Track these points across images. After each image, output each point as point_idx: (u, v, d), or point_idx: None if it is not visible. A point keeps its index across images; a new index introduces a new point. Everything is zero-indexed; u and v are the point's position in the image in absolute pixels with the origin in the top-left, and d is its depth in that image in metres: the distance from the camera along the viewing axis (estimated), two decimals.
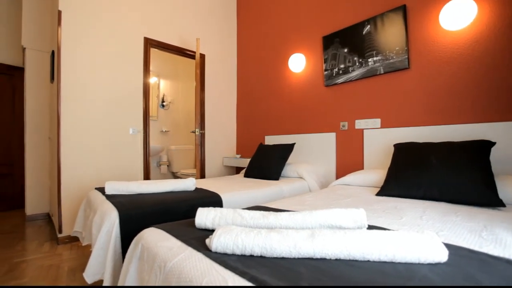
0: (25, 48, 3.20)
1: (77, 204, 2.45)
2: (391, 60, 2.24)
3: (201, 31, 3.49)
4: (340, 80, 2.61)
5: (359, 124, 2.51)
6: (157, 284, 0.80)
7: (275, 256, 0.79)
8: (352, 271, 0.69)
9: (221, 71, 3.74)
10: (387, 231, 0.81)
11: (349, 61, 2.53)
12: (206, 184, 2.28)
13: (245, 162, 3.30)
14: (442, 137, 1.94)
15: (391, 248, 0.73)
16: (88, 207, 1.81)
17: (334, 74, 2.67)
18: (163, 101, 4.61)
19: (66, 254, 2.18)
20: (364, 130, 2.46)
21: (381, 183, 1.94)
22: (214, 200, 1.77)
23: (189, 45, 3.35)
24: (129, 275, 0.99)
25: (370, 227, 1.02)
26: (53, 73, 2.79)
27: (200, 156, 3.32)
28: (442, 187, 1.50)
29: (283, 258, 0.78)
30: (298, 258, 0.78)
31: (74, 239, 2.41)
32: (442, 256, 0.72)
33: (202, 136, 3.43)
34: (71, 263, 2.02)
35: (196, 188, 2.03)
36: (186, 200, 1.69)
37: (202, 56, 3.49)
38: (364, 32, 2.41)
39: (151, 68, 3.07)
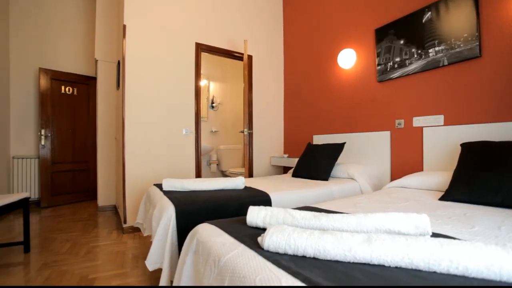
0: (97, 60, 3.65)
1: (138, 198, 2.70)
2: (458, 49, 1.99)
3: (248, 32, 3.56)
4: (395, 74, 2.42)
5: (418, 121, 2.29)
6: (212, 277, 0.84)
7: (328, 258, 0.77)
8: (417, 282, 0.63)
9: (268, 71, 3.77)
10: (457, 240, 0.72)
11: (405, 54, 2.33)
12: (255, 183, 2.32)
13: (292, 162, 3.28)
14: None
15: (463, 260, 0.65)
16: (148, 201, 1.99)
17: (388, 69, 2.48)
18: (212, 103, 4.83)
19: (130, 243, 2.43)
20: (424, 128, 2.24)
21: (444, 186, 1.75)
22: (263, 199, 1.79)
23: (237, 47, 3.45)
24: (186, 266, 1.06)
25: (435, 235, 0.92)
26: (119, 81, 3.13)
27: (248, 155, 3.40)
28: None
29: (337, 262, 0.76)
30: (353, 263, 0.74)
31: (136, 230, 2.67)
32: None
33: (250, 136, 3.50)
34: (134, 251, 2.24)
35: (245, 187, 2.08)
36: (236, 198, 1.74)
37: (250, 57, 3.56)
38: (424, 20, 2.19)
39: (201, 71, 3.23)
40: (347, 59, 2.87)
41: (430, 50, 2.15)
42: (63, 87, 3.98)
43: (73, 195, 4.08)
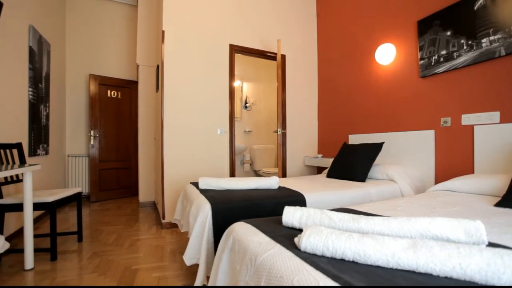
0: (138, 65, 3.89)
1: (176, 195, 2.83)
2: None
3: (281, 32, 3.55)
4: (441, 69, 2.24)
5: (467, 119, 2.10)
6: (248, 275, 0.85)
7: (369, 263, 0.73)
8: None
9: (301, 70, 3.72)
10: None
11: (453, 46, 2.15)
12: (289, 183, 2.30)
13: (326, 162, 3.20)
14: None
15: None
16: (185, 199, 2.07)
17: (432, 63, 2.31)
18: (246, 103, 4.90)
19: (168, 238, 2.55)
20: (475, 127, 2.04)
21: (501, 191, 1.58)
22: (297, 199, 1.77)
23: (270, 47, 3.45)
24: (222, 264, 1.09)
25: (491, 245, 0.84)
26: (158, 84, 3.31)
27: (282, 155, 3.39)
28: None
29: (378, 267, 0.72)
30: (397, 269, 0.70)
31: (174, 226, 2.80)
32: None
33: (284, 135, 3.49)
34: (172, 245, 2.35)
35: (279, 187, 2.07)
36: (270, 197, 1.75)
37: (283, 57, 3.54)
38: (476, 7, 2.00)
39: (235, 72, 3.29)
40: (386, 54, 2.72)
41: (484, 40, 1.95)
42: (109, 91, 4.31)
43: (117, 191, 4.40)
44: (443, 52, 2.22)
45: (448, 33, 2.18)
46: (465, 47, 2.07)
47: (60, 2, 3.95)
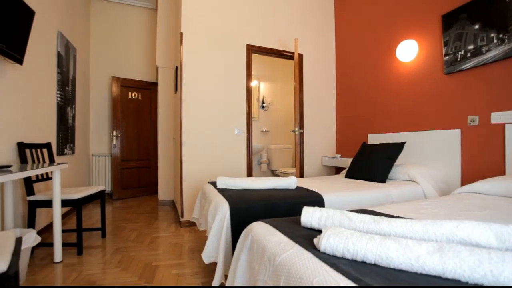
0: (158, 67, 4.00)
1: (194, 194, 2.88)
2: None
3: (298, 31, 3.52)
4: (468, 64, 2.13)
5: (498, 117, 1.98)
6: (267, 275, 0.85)
7: (391, 266, 0.71)
8: None
9: (319, 69, 3.67)
10: None
11: (481, 40, 2.03)
12: (307, 183, 2.28)
13: (345, 162, 3.14)
14: None
15: None
16: (203, 198, 2.10)
17: (458, 59, 2.20)
18: (263, 103, 4.90)
19: (186, 236, 2.60)
20: (506, 125, 1.92)
21: None
22: (315, 200, 1.75)
23: (287, 47, 3.43)
24: (240, 263, 1.09)
25: None
26: (177, 85, 3.38)
27: (299, 155, 3.36)
28: None
29: (401, 271, 0.70)
30: (421, 274, 0.68)
31: (192, 224, 2.85)
32: None
33: (301, 135, 3.46)
34: (190, 243, 2.39)
35: (297, 187, 2.06)
36: (288, 197, 1.74)
37: (300, 56, 3.51)
38: None
39: (252, 72, 3.30)
40: (407, 51, 2.62)
41: None
42: (130, 93, 4.46)
43: (137, 190, 4.54)
44: (471, 47, 2.11)
45: (476, 26, 2.07)
46: (495, 41, 1.96)
47: (85, 8, 4.13)
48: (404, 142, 2.42)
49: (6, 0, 1.78)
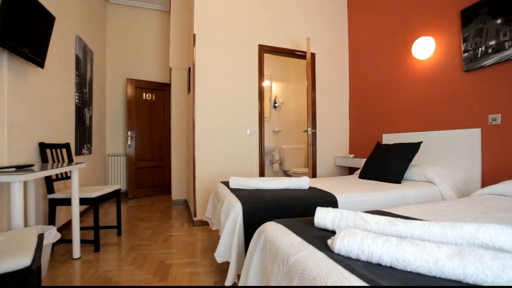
0: (171, 68, 4.06)
1: (207, 194, 2.91)
2: None
3: (311, 30, 3.49)
4: (489, 61, 2.05)
5: None
6: (280, 275, 0.85)
7: (408, 269, 0.70)
8: None
9: (332, 68, 3.63)
10: None
11: (504, 35, 1.95)
12: (320, 183, 2.26)
13: (358, 163, 3.08)
14: None
15: None
16: (216, 197, 2.12)
17: (479, 55, 2.12)
18: (275, 103, 4.90)
19: (199, 235, 2.63)
20: None
21: None
22: (329, 200, 1.73)
23: (299, 46, 3.41)
24: (253, 262, 1.10)
25: None
26: (190, 86, 3.43)
27: (312, 155, 3.33)
28: None
29: (419, 274, 0.68)
30: (440, 278, 0.66)
31: (205, 223, 2.88)
32: None
33: (314, 135, 3.43)
34: (203, 243, 2.42)
35: (310, 187, 2.04)
36: (301, 198, 1.73)
37: (313, 55, 3.48)
38: None
39: (264, 72, 3.29)
40: (424, 48, 2.55)
41: None
42: (144, 94, 4.55)
43: (151, 189, 4.63)
44: (492, 42, 2.03)
45: (499, 21, 1.99)
46: None
47: (102, 12, 4.25)
48: (420, 142, 2.35)
49: (29, 7, 1.85)
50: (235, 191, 1.89)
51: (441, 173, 2.21)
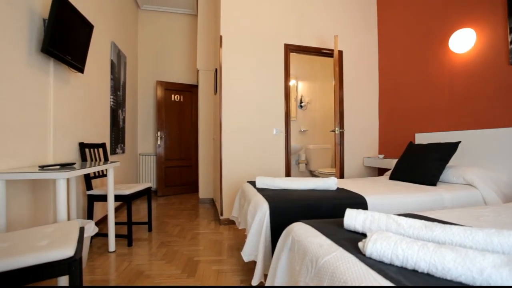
0: (198, 70, 4.17)
1: (233, 193, 2.95)
2: None
3: (338, 27, 3.40)
4: None
5: None
6: (309, 277, 0.84)
7: (448, 278, 0.65)
8: None
9: (360, 66, 3.51)
10: None
11: None
12: (348, 184, 2.19)
13: (389, 163, 2.95)
14: None
15: None
16: (243, 197, 2.14)
17: None
18: (301, 102, 4.84)
19: (225, 233, 2.67)
20: None
21: None
22: (358, 202, 1.67)
23: (326, 44, 3.34)
24: (281, 263, 1.09)
25: None
26: (216, 87, 3.49)
27: (339, 155, 3.25)
28: None
29: (460, 283, 0.64)
30: None
31: (231, 222, 2.92)
32: None
33: (342, 135, 3.34)
34: (229, 241, 2.45)
35: (338, 188, 1.99)
36: (328, 198, 1.69)
37: (340, 53, 3.39)
38: None
39: (290, 71, 3.27)
40: (463, 41, 2.38)
41: None
42: (172, 95, 4.72)
43: (179, 188, 4.79)
44: None
45: None
46: None
47: (134, 18, 4.48)
48: (459, 142, 2.20)
49: (72, 17, 2.00)
50: (261, 190, 1.89)
51: (482, 175, 2.05)
